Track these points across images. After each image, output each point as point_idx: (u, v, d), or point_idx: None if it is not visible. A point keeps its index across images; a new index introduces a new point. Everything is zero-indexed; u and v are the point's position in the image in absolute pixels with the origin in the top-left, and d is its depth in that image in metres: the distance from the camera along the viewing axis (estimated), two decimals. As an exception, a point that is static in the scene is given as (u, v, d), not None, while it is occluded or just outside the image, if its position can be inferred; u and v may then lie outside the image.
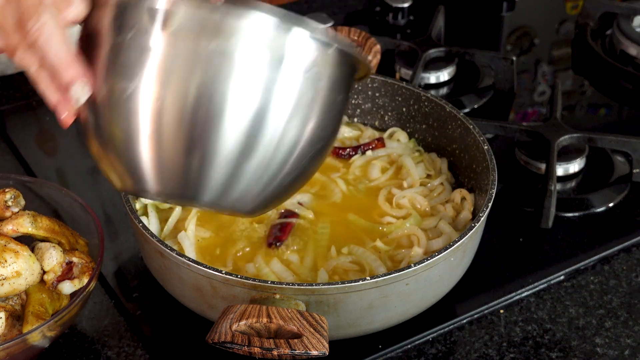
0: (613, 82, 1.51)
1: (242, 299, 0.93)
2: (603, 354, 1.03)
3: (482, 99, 1.45)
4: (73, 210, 1.07)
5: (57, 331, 0.97)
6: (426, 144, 1.22)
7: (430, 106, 1.20)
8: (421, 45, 1.47)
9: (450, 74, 1.48)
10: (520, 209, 1.22)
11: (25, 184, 1.09)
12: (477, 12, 1.71)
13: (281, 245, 1.06)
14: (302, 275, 1.03)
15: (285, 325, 0.87)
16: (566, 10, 1.73)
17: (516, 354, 1.03)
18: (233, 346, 0.86)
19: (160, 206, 1.11)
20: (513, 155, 1.30)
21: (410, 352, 1.03)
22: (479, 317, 1.08)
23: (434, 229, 1.09)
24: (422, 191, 1.14)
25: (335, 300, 0.93)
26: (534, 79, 1.54)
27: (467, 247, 1.01)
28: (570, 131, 1.27)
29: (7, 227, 1.00)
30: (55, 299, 0.99)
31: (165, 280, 1.01)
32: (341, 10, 1.68)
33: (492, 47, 1.61)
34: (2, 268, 0.95)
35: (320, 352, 0.86)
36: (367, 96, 1.25)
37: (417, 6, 1.67)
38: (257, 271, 1.03)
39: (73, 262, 1.01)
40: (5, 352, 0.91)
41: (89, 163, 1.31)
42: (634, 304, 1.09)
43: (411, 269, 0.94)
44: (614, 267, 1.15)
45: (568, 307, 1.09)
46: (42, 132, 1.37)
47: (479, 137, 1.11)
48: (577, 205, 1.23)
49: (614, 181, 1.28)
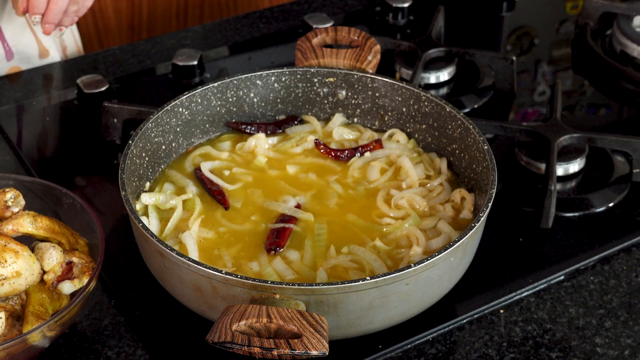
0: (613, 82, 1.51)
1: (242, 299, 0.93)
2: (603, 354, 1.03)
3: (482, 99, 1.45)
4: (73, 210, 1.07)
5: (57, 331, 0.97)
6: (426, 144, 1.22)
7: (430, 106, 1.20)
8: (421, 45, 1.47)
9: (450, 74, 1.48)
10: (520, 209, 1.22)
11: (25, 184, 1.09)
12: (477, 12, 1.71)
13: (280, 250, 1.06)
14: (302, 273, 1.03)
15: (285, 325, 0.87)
16: (566, 10, 1.73)
17: (516, 354, 1.03)
18: (233, 346, 0.86)
19: (161, 207, 1.11)
20: (513, 155, 1.30)
21: (410, 352, 1.03)
22: (479, 317, 1.08)
23: (433, 229, 1.10)
24: (421, 192, 1.14)
25: (335, 300, 0.93)
26: (534, 79, 1.54)
27: (467, 247, 1.01)
28: (570, 131, 1.27)
29: (7, 227, 1.00)
30: (55, 299, 0.99)
31: (165, 280, 1.01)
32: (341, 10, 1.68)
33: (492, 47, 1.61)
34: (2, 268, 0.95)
35: (320, 352, 0.86)
36: (367, 96, 1.25)
37: (417, 6, 1.67)
38: (260, 270, 1.03)
39: (73, 262, 1.01)
40: (5, 352, 0.91)
41: (89, 163, 1.31)
42: (634, 304, 1.09)
43: (411, 269, 0.94)
44: (614, 267, 1.15)
45: (568, 307, 1.09)
46: (42, 132, 1.37)
47: (479, 137, 1.11)
48: (577, 205, 1.23)
49: (614, 181, 1.28)
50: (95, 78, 1.42)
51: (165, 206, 1.11)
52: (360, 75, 1.23)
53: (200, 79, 1.47)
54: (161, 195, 1.11)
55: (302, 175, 1.18)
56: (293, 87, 1.25)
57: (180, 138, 1.20)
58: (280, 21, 1.65)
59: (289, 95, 1.26)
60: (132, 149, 1.09)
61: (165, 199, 1.11)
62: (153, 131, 1.14)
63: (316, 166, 1.19)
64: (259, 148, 1.21)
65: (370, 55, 1.26)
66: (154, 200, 1.10)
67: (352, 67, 1.25)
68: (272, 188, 1.16)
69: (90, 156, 1.32)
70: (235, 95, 1.23)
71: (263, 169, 1.19)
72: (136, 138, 1.10)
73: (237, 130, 1.24)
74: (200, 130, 1.22)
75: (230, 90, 1.23)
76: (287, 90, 1.25)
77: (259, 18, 1.66)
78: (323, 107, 1.27)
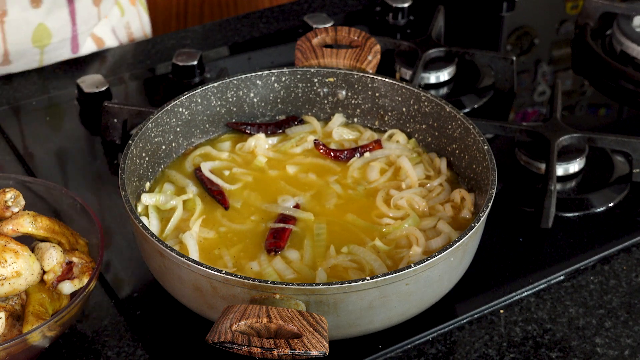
0: (613, 82, 1.51)
1: (242, 299, 0.93)
2: (603, 354, 1.03)
3: (482, 99, 1.45)
4: (73, 210, 1.07)
5: (57, 331, 0.97)
6: (426, 144, 1.22)
7: (430, 106, 1.20)
8: (421, 45, 1.47)
9: (450, 74, 1.48)
10: (520, 209, 1.22)
11: (25, 184, 1.09)
12: (477, 12, 1.71)
13: (280, 251, 1.06)
14: (302, 273, 1.03)
15: (285, 325, 0.88)
16: (566, 10, 1.73)
17: (516, 354, 1.03)
18: (233, 346, 0.86)
19: (161, 207, 1.11)
20: (513, 155, 1.30)
21: (410, 352, 1.03)
22: (479, 317, 1.08)
23: (432, 229, 1.09)
24: (421, 192, 1.14)
25: (335, 300, 0.93)
26: (534, 79, 1.54)
27: (467, 247, 1.01)
28: (570, 131, 1.27)
29: (7, 227, 1.00)
30: (55, 299, 0.99)
31: (165, 280, 1.01)
32: (341, 10, 1.68)
33: (492, 47, 1.61)
34: (2, 268, 0.95)
35: (320, 352, 0.86)
36: (367, 96, 1.25)
37: (417, 6, 1.67)
38: (260, 269, 1.03)
39: (73, 262, 1.01)
40: (5, 352, 0.91)
41: (89, 163, 1.31)
42: (634, 304, 1.09)
43: (411, 269, 0.94)
44: (614, 267, 1.15)
45: (568, 307, 1.09)
46: (43, 132, 1.37)
47: (479, 137, 1.11)
48: (577, 205, 1.23)
49: (614, 181, 1.28)
50: (95, 78, 1.42)
51: (165, 207, 1.11)
52: (360, 75, 1.24)
53: (200, 79, 1.47)
54: (161, 195, 1.11)
55: (302, 175, 1.18)
56: (293, 87, 1.25)
57: (180, 138, 1.20)
58: (280, 21, 1.65)
59: (289, 95, 1.26)
60: (132, 149, 1.09)
61: (165, 200, 1.11)
62: (153, 131, 1.14)
63: (316, 166, 1.19)
64: (258, 148, 1.21)
65: (370, 55, 1.26)
66: (154, 200, 1.10)
67: (352, 67, 1.25)
68: (272, 188, 1.16)
69: (90, 156, 1.33)
70: (235, 95, 1.23)
71: (263, 169, 1.19)
72: (136, 138, 1.10)
73: (237, 131, 1.24)
74: (200, 130, 1.22)
75: (230, 90, 1.23)
76: (287, 90, 1.25)
77: (259, 18, 1.66)
78: (323, 107, 1.27)
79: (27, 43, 1.46)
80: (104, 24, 1.56)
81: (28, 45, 1.47)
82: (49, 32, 1.47)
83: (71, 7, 1.47)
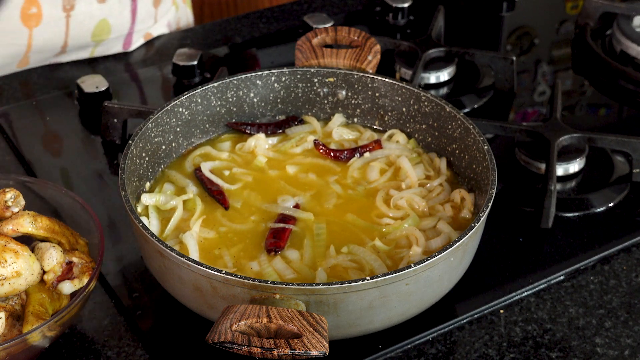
0: (613, 82, 1.51)
1: (242, 299, 0.93)
2: (603, 354, 1.03)
3: (482, 99, 1.45)
4: (73, 210, 1.07)
5: (57, 331, 0.97)
6: (426, 144, 1.22)
7: (430, 106, 1.20)
8: (421, 45, 1.47)
9: (450, 74, 1.48)
10: (520, 209, 1.22)
11: (25, 184, 1.09)
12: (477, 12, 1.71)
13: (280, 251, 1.06)
14: (302, 273, 1.03)
15: (285, 325, 0.88)
16: (566, 10, 1.73)
17: (516, 354, 1.03)
18: (233, 346, 0.86)
19: (162, 207, 1.11)
20: (513, 155, 1.30)
21: (410, 352, 1.03)
22: (479, 317, 1.08)
23: (432, 229, 1.09)
24: (421, 192, 1.14)
25: (335, 300, 0.93)
26: (534, 79, 1.54)
27: (467, 247, 1.01)
28: (570, 131, 1.27)
29: (7, 227, 1.00)
30: (55, 299, 0.99)
31: (165, 280, 1.01)
32: (341, 10, 1.68)
33: (492, 47, 1.61)
34: (2, 268, 0.95)
35: (320, 352, 0.86)
36: (367, 96, 1.25)
37: (417, 6, 1.67)
38: (260, 269, 1.03)
39: (73, 262, 1.01)
40: (5, 352, 0.91)
41: (89, 163, 1.31)
42: (634, 304, 1.09)
43: (411, 269, 0.94)
44: (614, 267, 1.15)
45: (568, 307, 1.09)
46: (43, 132, 1.37)
47: (479, 137, 1.11)
48: (577, 205, 1.23)
49: (614, 181, 1.28)
50: (95, 78, 1.42)
51: (165, 207, 1.10)
52: (360, 75, 1.24)
53: (200, 79, 1.47)
54: (161, 195, 1.11)
55: (302, 175, 1.18)
56: (293, 87, 1.25)
57: (180, 138, 1.20)
58: (280, 21, 1.65)
59: (289, 95, 1.26)
60: (132, 149, 1.09)
61: (165, 200, 1.11)
62: (153, 131, 1.14)
63: (316, 166, 1.19)
64: (258, 148, 1.21)
65: (370, 55, 1.26)
66: (154, 200, 1.10)
67: (352, 67, 1.25)
68: (272, 188, 1.16)
69: (90, 156, 1.33)
70: (235, 95, 1.23)
71: (263, 169, 1.19)
72: (136, 138, 1.10)
73: (237, 131, 1.24)
74: (200, 130, 1.22)
75: (230, 90, 1.23)
76: (287, 90, 1.25)
77: (259, 18, 1.66)
78: (323, 107, 1.27)
79: (87, 37, 1.48)
80: (160, 25, 1.58)
81: (87, 39, 1.48)
82: (110, 27, 1.48)
83: (133, 5, 1.49)
